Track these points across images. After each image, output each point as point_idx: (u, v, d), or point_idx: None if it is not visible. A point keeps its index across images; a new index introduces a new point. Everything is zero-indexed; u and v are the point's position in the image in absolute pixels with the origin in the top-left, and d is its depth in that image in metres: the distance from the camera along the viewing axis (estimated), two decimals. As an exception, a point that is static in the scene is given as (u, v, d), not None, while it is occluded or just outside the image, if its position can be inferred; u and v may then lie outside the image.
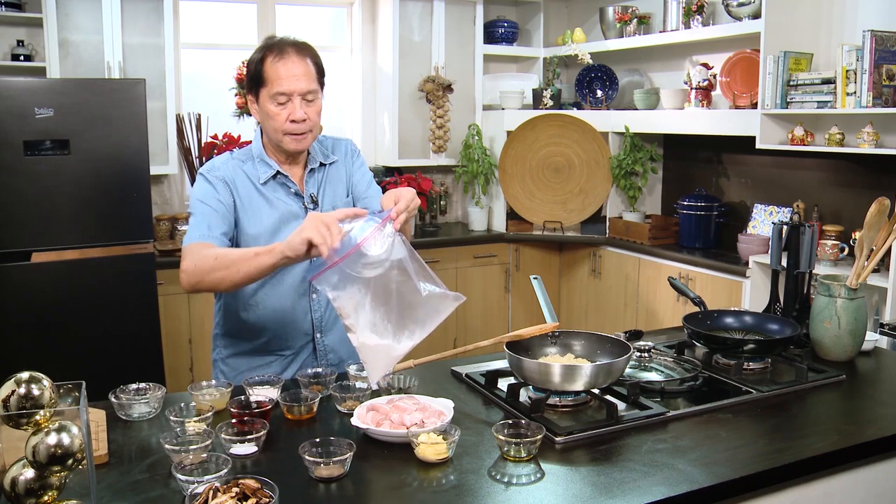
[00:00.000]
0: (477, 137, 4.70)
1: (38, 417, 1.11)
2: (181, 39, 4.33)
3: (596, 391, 1.65)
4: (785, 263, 2.22)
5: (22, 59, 3.85)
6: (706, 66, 4.00)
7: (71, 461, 1.10)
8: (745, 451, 1.47)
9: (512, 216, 4.78)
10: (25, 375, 1.14)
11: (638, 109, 4.41)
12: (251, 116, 3.09)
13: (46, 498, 1.12)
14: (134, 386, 1.67)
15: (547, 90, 4.67)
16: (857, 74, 3.18)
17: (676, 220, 4.27)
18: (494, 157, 4.75)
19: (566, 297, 4.79)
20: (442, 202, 5.00)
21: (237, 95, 4.17)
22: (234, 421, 1.50)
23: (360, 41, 4.84)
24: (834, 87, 3.30)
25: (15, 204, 3.29)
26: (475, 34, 4.81)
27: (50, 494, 1.12)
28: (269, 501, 1.17)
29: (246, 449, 1.44)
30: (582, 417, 1.62)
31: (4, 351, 3.30)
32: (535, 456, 1.43)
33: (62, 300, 3.40)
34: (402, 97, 4.67)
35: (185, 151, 4.20)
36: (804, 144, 3.49)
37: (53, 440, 1.08)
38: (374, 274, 1.56)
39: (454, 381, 1.87)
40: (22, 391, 1.12)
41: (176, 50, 4.16)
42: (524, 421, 1.50)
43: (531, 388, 1.71)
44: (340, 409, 1.66)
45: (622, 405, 1.64)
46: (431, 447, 1.40)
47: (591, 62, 4.61)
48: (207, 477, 1.26)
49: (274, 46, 1.86)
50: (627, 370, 1.83)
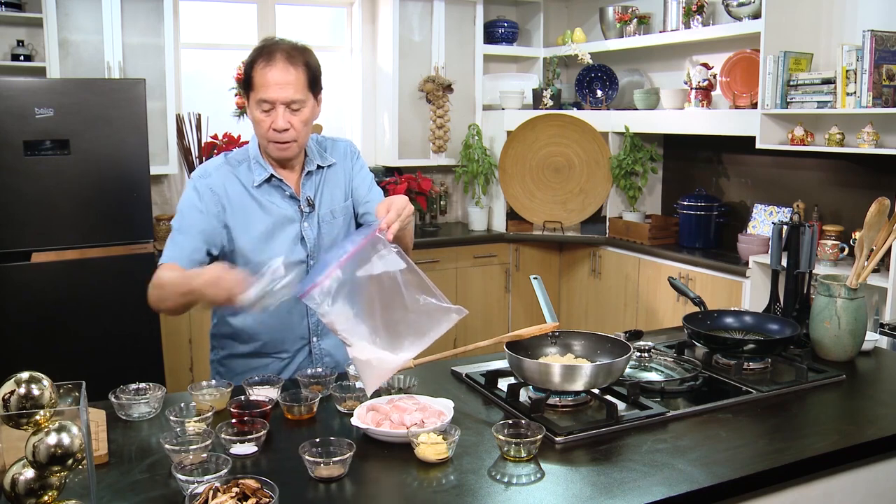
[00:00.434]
0: (477, 137, 4.70)
1: (38, 417, 1.11)
2: (181, 39, 4.32)
3: (596, 391, 1.65)
4: (785, 263, 2.21)
5: (22, 59, 3.85)
6: (706, 66, 4.00)
7: (71, 461, 1.10)
8: (745, 451, 1.47)
9: (512, 216, 4.78)
10: (25, 375, 1.14)
11: (638, 109, 4.41)
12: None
13: (46, 498, 1.12)
14: (134, 386, 1.67)
15: (547, 90, 4.67)
16: (857, 74, 3.18)
17: (676, 220, 4.27)
18: (494, 157, 4.74)
19: (566, 297, 4.79)
20: (442, 202, 4.99)
21: (237, 95, 4.17)
22: (234, 421, 1.50)
23: (360, 41, 4.83)
24: (834, 87, 3.30)
25: (15, 204, 3.29)
26: (475, 34, 4.81)
27: (50, 494, 1.12)
28: (269, 501, 1.17)
29: (246, 449, 1.44)
30: (582, 417, 1.62)
31: (4, 351, 3.30)
32: (535, 456, 1.43)
33: (62, 300, 3.41)
34: (402, 97, 4.67)
35: (185, 151, 4.21)
36: (804, 144, 3.48)
37: (53, 440, 1.08)
38: (365, 286, 1.55)
39: (454, 381, 1.87)
40: (22, 391, 1.12)
41: (176, 50, 4.16)
42: (524, 421, 1.50)
43: (531, 388, 1.71)
44: (340, 409, 1.66)
45: (622, 405, 1.64)
46: (431, 447, 1.40)
47: (591, 62, 4.60)
48: (207, 477, 1.27)
49: (265, 51, 1.80)
50: (627, 370, 1.83)
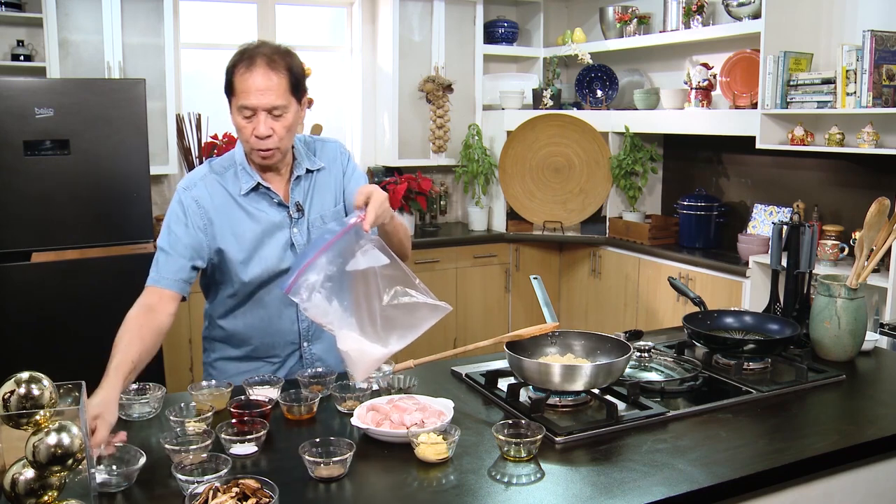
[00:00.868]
0: (477, 137, 4.70)
1: (38, 417, 1.11)
2: (181, 39, 4.32)
3: (596, 391, 1.65)
4: (785, 263, 2.21)
5: (22, 59, 3.85)
6: (706, 66, 4.00)
7: (71, 461, 1.10)
8: (745, 451, 1.47)
9: (512, 216, 4.77)
10: (25, 375, 1.14)
11: (638, 109, 4.41)
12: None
13: (46, 498, 1.12)
14: (134, 386, 1.67)
15: (547, 90, 4.67)
16: (857, 74, 3.18)
17: (676, 220, 4.27)
18: (494, 157, 4.74)
19: (566, 297, 4.79)
20: (442, 202, 4.99)
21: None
22: (234, 421, 1.50)
23: (360, 41, 4.83)
24: (834, 87, 3.30)
25: (15, 204, 3.29)
26: (475, 34, 4.81)
27: (50, 494, 1.12)
28: (269, 501, 1.17)
29: (246, 449, 1.44)
30: (582, 417, 1.62)
31: (4, 351, 3.30)
32: (535, 456, 1.43)
33: (62, 300, 3.40)
34: (402, 97, 4.66)
35: (185, 151, 4.21)
36: (804, 144, 3.48)
37: (53, 440, 1.08)
38: (349, 281, 1.54)
39: (454, 381, 1.87)
40: (22, 391, 1.12)
41: (176, 50, 4.16)
42: (524, 421, 1.50)
43: (531, 388, 1.71)
44: (340, 409, 1.66)
45: (622, 405, 1.64)
46: (431, 447, 1.40)
47: (591, 62, 4.60)
48: (207, 477, 1.27)
49: (245, 56, 1.75)
50: (627, 370, 1.83)
